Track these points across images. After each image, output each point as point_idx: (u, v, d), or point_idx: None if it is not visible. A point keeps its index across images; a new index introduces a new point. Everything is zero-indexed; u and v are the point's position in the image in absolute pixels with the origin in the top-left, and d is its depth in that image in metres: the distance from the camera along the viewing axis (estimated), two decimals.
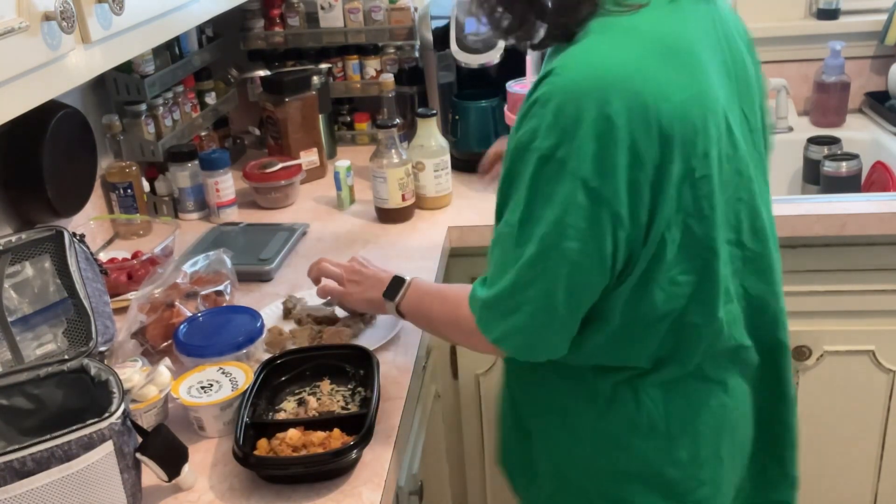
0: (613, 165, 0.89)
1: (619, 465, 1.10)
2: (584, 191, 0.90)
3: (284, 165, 1.90)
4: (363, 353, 1.23)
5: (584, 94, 0.89)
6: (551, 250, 0.94)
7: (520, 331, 1.00)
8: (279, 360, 1.23)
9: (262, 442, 1.08)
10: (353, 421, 1.10)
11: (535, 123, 0.92)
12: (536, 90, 0.94)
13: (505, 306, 1.00)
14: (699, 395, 1.08)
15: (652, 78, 0.90)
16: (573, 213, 0.91)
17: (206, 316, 1.32)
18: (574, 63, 0.91)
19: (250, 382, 1.16)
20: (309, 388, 1.22)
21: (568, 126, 0.89)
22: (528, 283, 0.97)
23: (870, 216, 1.66)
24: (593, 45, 0.93)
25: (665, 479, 1.09)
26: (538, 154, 0.92)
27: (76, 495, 0.91)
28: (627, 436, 1.08)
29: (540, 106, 0.92)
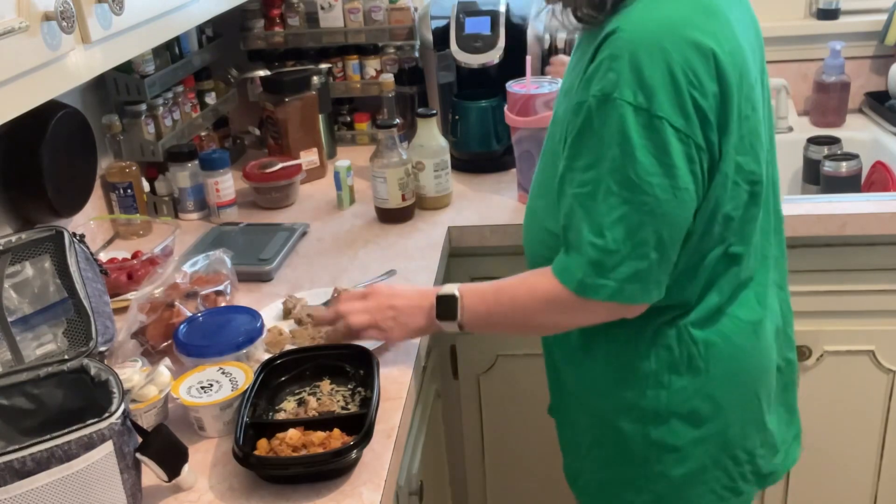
0: (686, 103, 0.98)
1: (659, 403, 1.16)
2: (672, 131, 0.98)
3: (284, 165, 1.90)
4: (363, 353, 1.23)
5: (652, 45, 0.98)
6: (656, 190, 1.00)
7: (638, 277, 1.04)
8: (279, 361, 1.23)
9: (262, 442, 1.08)
10: (353, 421, 1.10)
11: (612, 77, 0.98)
12: (602, 49, 1.00)
13: (618, 257, 1.03)
14: (734, 335, 1.17)
15: (703, 29, 1.00)
16: (668, 154, 0.99)
17: (206, 316, 1.32)
18: (635, 21, 1.00)
19: (250, 382, 1.16)
20: (309, 388, 1.21)
21: (644, 74, 0.97)
22: (639, 226, 1.01)
23: (870, 216, 1.66)
24: (646, 7, 1.01)
25: (699, 415, 1.17)
26: (623, 103, 0.98)
27: (76, 495, 0.91)
28: (667, 374, 1.15)
29: (613, 60, 0.98)
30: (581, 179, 1.03)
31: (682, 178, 1.01)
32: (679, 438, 1.18)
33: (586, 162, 1.02)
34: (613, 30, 1.00)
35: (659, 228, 1.02)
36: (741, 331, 1.17)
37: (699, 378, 1.16)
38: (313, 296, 1.46)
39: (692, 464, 1.19)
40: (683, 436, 1.18)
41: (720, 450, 1.19)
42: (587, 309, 1.09)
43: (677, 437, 1.18)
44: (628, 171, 1.00)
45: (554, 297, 1.09)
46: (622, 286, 1.04)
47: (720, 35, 1.01)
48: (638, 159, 0.99)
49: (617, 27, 1.00)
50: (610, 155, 1.00)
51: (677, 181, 1.00)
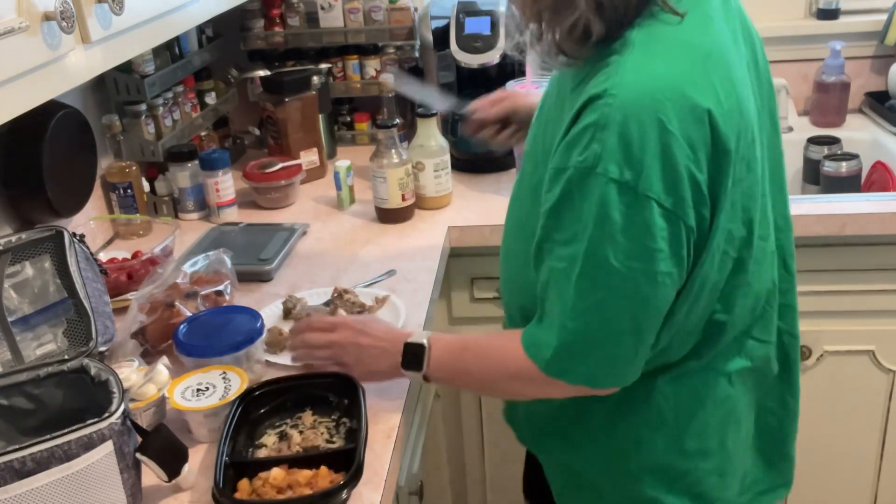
0: (680, 179, 0.90)
1: (630, 460, 1.11)
2: (659, 211, 0.90)
3: (284, 165, 1.90)
4: (347, 382, 1.17)
5: (643, 113, 0.88)
6: (636, 275, 0.92)
7: (611, 362, 0.99)
8: (257, 392, 1.17)
9: (244, 483, 1.02)
10: (341, 456, 1.05)
11: (597, 148, 0.89)
12: (587, 114, 0.91)
13: (591, 343, 0.97)
14: (706, 387, 1.10)
15: (702, 87, 0.90)
16: (652, 236, 0.90)
17: (205, 316, 1.32)
18: (627, 83, 0.89)
19: (240, 393, 1.14)
20: (291, 420, 1.15)
21: (633, 148, 0.88)
22: (616, 312, 0.94)
23: (870, 216, 1.66)
24: (642, 62, 0.91)
25: (675, 470, 1.11)
26: (605, 179, 0.89)
27: (76, 495, 0.91)
28: (638, 430, 1.10)
29: (600, 129, 0.89)
30: (559, 254, 0.95)
31: (665, 262, 0.92)
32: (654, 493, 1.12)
33: (565, 237, 0.94)
34: (601, 92, 0.90)
35: (637, 314, 0.95)
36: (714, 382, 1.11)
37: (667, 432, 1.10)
38: (313, 296, 1.46)
39: None
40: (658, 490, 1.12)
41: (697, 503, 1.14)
42: (555, 386, 1.02)
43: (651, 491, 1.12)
44: (607, 254, 0.91)
45: (523, 370, 1.02)
46: (593, 371, 0.99)
47: (720, 90, 0.92)
48: (618, 242, 0.91)
49: (605, 89, 0.89)
50: (588, 234, 0.92)
51: (660, 265, 0.92)
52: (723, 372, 1.11)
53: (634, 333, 0.97)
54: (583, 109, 0.92)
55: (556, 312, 0.98)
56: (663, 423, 1.10)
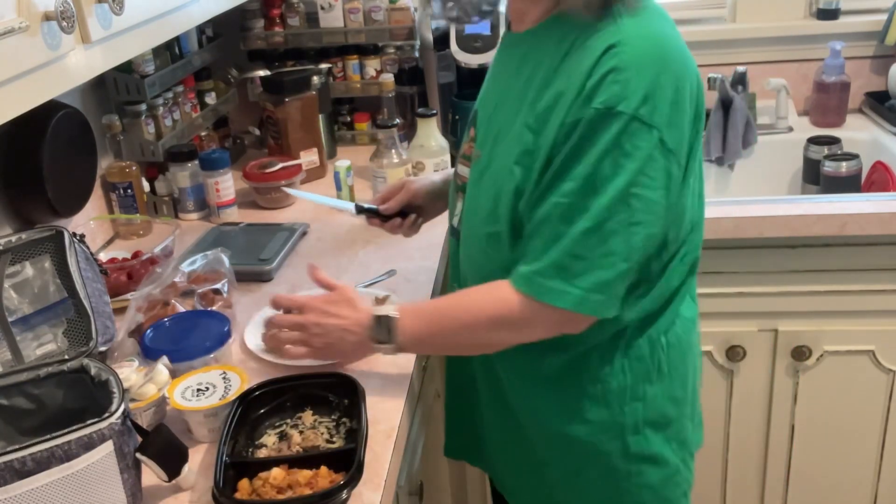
0: (681, 122, 1.01)
1: (636, 416, 1.16)
2: (660, 146, 1.00)
3: (284, 165, 1.90)
4: (347, 382, 1.17)
5: (655, 61, 0.99)
6: (632, 200, 1.00)
7: (602, 287, 1.03)
8: (257, 392, 1.17)
9: (244, 483, 1.02)
10: (341, 456, 1.05)
11: (618, 89, 0.98)
12: (603, 62, 0.99)
13: (586, 263, 1.01)
14: (686, 334, 1.20)
15: (686, 50, 1.05)
16: (652, 167, 1.00)
17: (172, 321, 1.31)
18: (637, 35, 1.00)
19: (240, 393, 1.14)
20: (291, 420, 1.15)
21: (649, 88, 0.98)
22: (612, 235, 1.01)
23: (870, 216, 1.66)
24: (641, 23, 1.02)
25: (667, 419, 1.19)
26: (625, 115, 0.98)
27: (76, 495, 0.91)
28: (643, 386, 1.16)
29: (619, 73, 0.98)
30: (566, 189, 1.01)
31: (658, 192, 1.01)
32: (653, 445, 1.18)
33: (577, 172, 1.01)
34: (615, 42, 0.99)
35: (629, 240, 1.01)
36: (689, 330, 1.21)
37: (664, 382, 1.17)
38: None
39: (667, 468, 1.20)
40: (655, 441, 1.18)
41: (682, 448, 1.22)
42: (537, 322, 1.06)
43: (651, 444, 1.18)
44: (614, 183, 0.99)
45: (503, 313, 1.06)
46: (587, 294, 1.02)
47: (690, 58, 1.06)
48: (625, 171, 0.99)
49: (618, 40, 0.99)
50: (599, 166, 0.99)
51: (656, 194, 1.01)
52: (692, 319, 1.22)
53: (626, 259, 1.02)
54: (596, 64, 0.99)
55: (554, 241, 1.02)
56: (661, 375, 1.16)
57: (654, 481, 1.20)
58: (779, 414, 1.86)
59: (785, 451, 1.90)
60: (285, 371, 1.25)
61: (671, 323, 1.17)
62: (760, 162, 2.13)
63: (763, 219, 1.68)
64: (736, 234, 1.68)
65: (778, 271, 1.74)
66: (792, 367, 1.81)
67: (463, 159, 1.24)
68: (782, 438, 1.89)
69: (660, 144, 0.99)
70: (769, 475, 1.93)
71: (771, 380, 1.84)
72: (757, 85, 2.20)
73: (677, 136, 1.01)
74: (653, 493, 1.21)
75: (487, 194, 1.13)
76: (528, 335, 1.10)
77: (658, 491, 1.21)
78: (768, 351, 1.81)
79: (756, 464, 1.93)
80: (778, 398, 1.85)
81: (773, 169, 2.17)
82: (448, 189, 1.43)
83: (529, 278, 1.04)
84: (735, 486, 1.96)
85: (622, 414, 1.16)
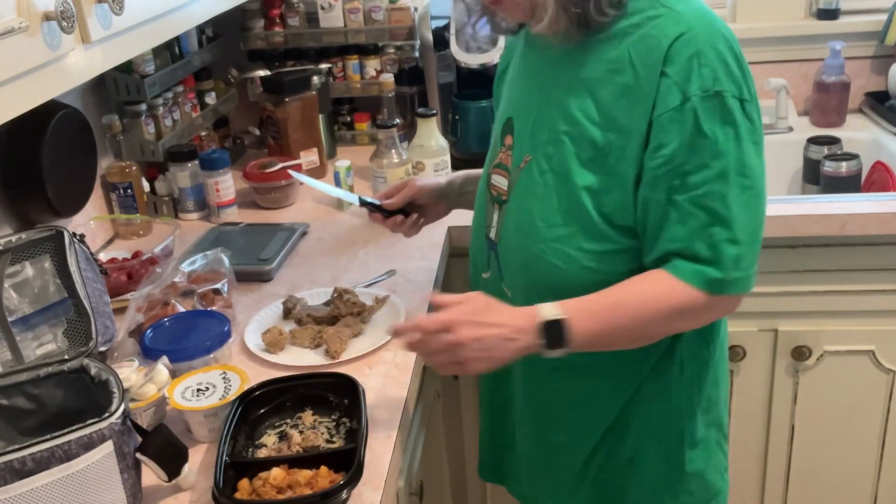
0: (752, 86, 1.06)
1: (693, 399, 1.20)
2: (752, 115, 1.04)
3: (284, 165, 1.90)
4: (347, 382, 1.17)
5: (721, 39, 1.03)
6: (757, 173, 1.04)
7: (754, 262, 1.07)
8: (257, 392, 1.16)
9: (244, 483, 1.02)
10: (341, 456, 1.04)
11: (708, 72, 1.01)
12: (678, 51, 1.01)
13: (746, 246, 1.04)
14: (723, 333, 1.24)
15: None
16: (758, 137, 1.05)
17: (172, 321, 1.31)
18: (697, 21, 1.03)
19: (240, 393, 1.14)
20: (290, 419, 1.15)
21: (729, 65, 1.02)
22: (754, 212, 1.05)
23: (870, 216, 1.66)
24: (690, 9, 1.05)
25: (710, 402, 1.22)
26: (728, 95, 1.02)
27: (76, 495, 0.91)
28: (699, 369, 1.19)
29: (701, 56, 1.01)
30: (694, 182, 1.02)
31: (761, 157, 1.06)
32: (700, 429, 1.21)
33: (698, 163, 1.02)
34: (683, 31, 1.02)
35: (763, 211, 1.07)
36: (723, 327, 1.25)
37: (712, 366, 1.21)
38: (313, 296, 1.46)
39: (708, 450, 1.23)
40: (701, 426, 1.21)
41: (718, 430, 1.25)
42: (711, 310, 1.09)
43: (699, 429, 1.21)
44: (740, 160, 1.02)
45: (684, 303, 1.05)
46: (749, 275, 1.06)
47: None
48: (744, 148, 1.03)
49: (687, 27, 1.02)
50: (723, 149, 1.02)
51: (761, 161, 1.06)
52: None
53: (762, 230, 1.07)
54: (670, 51, 1.02)
55: (711, 237, 1.03)
56: (709, 356, 1.20)
57: (701, 467, 1.23)
58: (779, 414, 1.86)
59: (785, 451, 1.90)
60: (285, 371, 1.25)
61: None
62: None
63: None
64: None
65: (778, 271, 1.74)
66: (792, 367, 1.81)
67: (499, 169, 1.21)
68: (782, 438, 1.88)
69: (756, 115, 1.04)
70: (769, 475, 1.93)
71: (771, 380, 1.83)
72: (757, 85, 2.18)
73: (755, 103, 1.06)
74: (700, 481, 1.23)
75: (555, 195, 1.11)
76: (704, 321, 1.14)
77: (703, 476, 1.23)
78: (768, 351, 1.81)
79: (756, 464, 1.93)
80: (778, 398, 1.85)
81: (773, 169, 2.14)
82: (452, 192, 1.42)
83: (704, 275, 1.04)
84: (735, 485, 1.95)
85: (680, 400, 1.18)
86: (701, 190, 1.02)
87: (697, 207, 1.03)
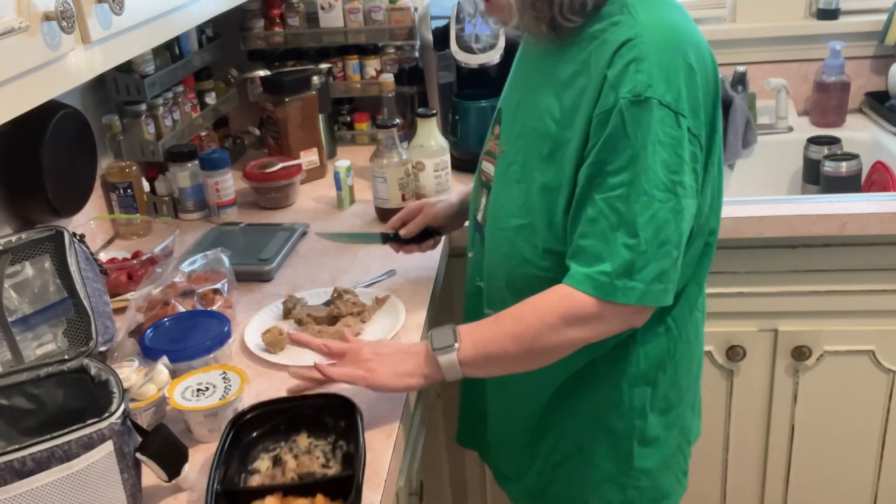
0: (698, 105, 1.04)
1: (645, 400, 1.20)
2: (688, 132, 1.03)
3: (284, 165, 1.90)
4: (344, 403, 1.12)
5: (671, 48, 1.03)
6: (676, 187, 1.03)
7: (661, 277, 1.05)
8: (249, 414, 1.12)
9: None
10: (338, 482, 1.00)
11: (643, 78, 1.01)
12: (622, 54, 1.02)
13: (647, 257, 1.03)
14: (697, 323, 1.24)
15: (699, 36, 1.09)
16: (685, 152, 1.03)
17: (172, 321, 1.31)
18: (651, 26, 1.03)
19: (240, 393, 1.14)
20: (285, 443, 1.10)
21: (670, 75, 1.02)
22: (665, 224, 1.03)
23: (870, 216, 1.66)
24: (653, 15, 1.05)
25: (670, 404, 1.22)
26: (655, 102, 1.01)
27: (76, 495, 0.91)
28: (654, 371, 1.19)
29: (640, 62, 1.01)
30: (611, 183, 1.03)
31: (690, 177, 1.04)
32: (655, 429, 1.21)
33: (618, 165, 1.03)
34: (632, 35, 1.02)
35: (679, 225, 1.04)
36: (698, 318, 1.25)
37: (672, 368, 1.20)
38: (313, 296, 1.46)
39: (664, 451, 1.23)
40: (658, 426, 1.21)
41: (681, 434, 1.26)
42: (603, 319, 1.07)
43: (653, 428, 1.21)
44: (658, 171, 1.02)
45: (570, 311, 1.06)
46: (648, 287, 1.04)
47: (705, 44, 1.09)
48: (665, 158, 1.02)
49: (635, 33, 1.02)
50: (641, 155, 1.01)
51: (689, 180, 1.04)
52: (701, 307, 1.25)
53: (677, 245, 1.05)
54: (615, 55, 1.03)
55: (611, 239, 1.03)
56: (672, 362, 1.19)
57: (651, 465, 1.23)
58: (779, 414, 1.86)
59: (785, 451, 1.90)
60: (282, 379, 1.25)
61: (687, 310, 1.20)
62: (760, 162, 2.13)
63: (763, 219, 1.67)
64: (736, 234, 1.68)
65: (778, 271, 1.74)
66: (792, 367, 1.81)
67: (488, 156, 1.27)
68: (782, 438, 1.88)
69: (687, 130, 1.03)
70: (769, 475, 1.93)
71: (771, 380, 1.84)
72: (757, 85, 2.20)
73: (698, 122, 1.05)
74: (649, 478, 1.23)
75: (516, 188, 1.15)
76: (599, 332, 1.10)
77: (654, 475, 1.23)
78: (768, 351, 1.81)
79: (756, 464, 1.93)
80: (778, 398, 1.85)
81: (773, 169, 2.17)
82: (464, 209, 1.44)
83: (595, 279, 1.05)
84: (735, 486, 1.96)
85: (632, 396, 1.18)
86: (616, 192, 1.03)
87: (609, 208, 1.03)
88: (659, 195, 1.02)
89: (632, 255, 1.03)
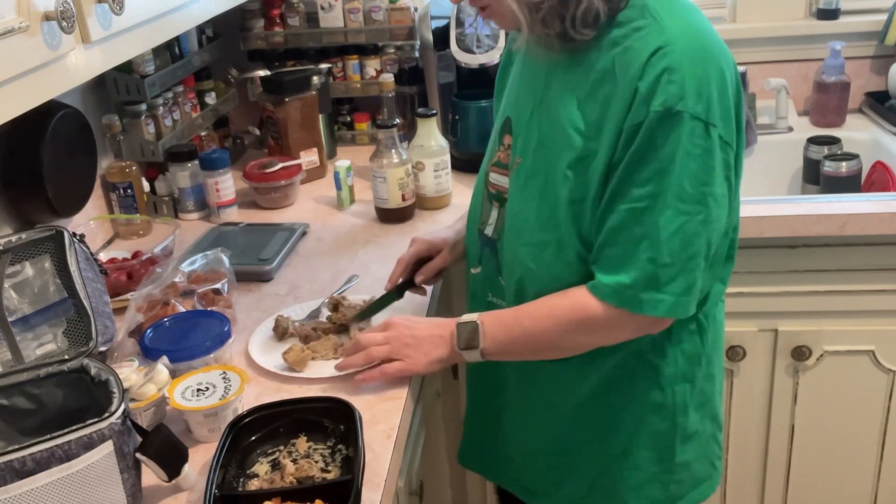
0: (728, 111, 1.03)
1: (686, 396, 1.20)
2: (719, 140, 1.02)
3: (284, 165, 1.90)
4: (343, 407, 1.12)
5: (704, 57, 1.01)
6: (706, 199, 1.02)
7: (690, 289, 1.05)
8: (248, 418, 1.11)
9: None
10: (337, 487, 1.00)
11: (674, 89, 0.99)
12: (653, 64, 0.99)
13: (673, 270, 1.03)
14: (721, 313, 1.24)
15: (721, 39, 1.07)
16: (716, 163, 1.02)
17: (172, 321, 1.31)
18: (681, 34, 1.01)
19: (240, 394, 1.14)
20: (284, 446, 1.10)
21: (702, 85, 1.00)
22: (693, 237, 1.03)
23: (870, 216, 1.66)
24: (678, 20, 1.03)
25: (705, 396, 1.23)
26: (686, 115, 0.99)
27: (76, 495, 0.91)
28: (693, 367, 1.20)
29: (672, 73, 0.99)
30: (637, 194, 1.02)
31: (722, 186, 1.04)
32: (694, 424, 1.22)
33: (644, 176, 1.01)
34: (661, 44, 1.00)
35: (709, 238, 1.04)
36: (721, 309, 1.25)
37: (706, 361, 1.21)
38: (299, 310, 1.43)
39: (700, 442, 1.24)
40: (696, 420, 1.22)
41: (713, 423, 1.26)
42: (619, 327, 1.08)
43: (693, 423, 1.22)
44: (685, 183, 1.00)
45: (586, 317, 1.07)
46: (678, 300, 1.04)
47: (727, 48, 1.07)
48: (693, 170, 1.00)
49: (665, 41, 1.00)
50: (669, 168, 1.00)
51: (722, 189, 1.03)
52: (722, 298, 1.25)
53: (706, 257, 1.05)
54: (646, 65, 1.00)
55: (635, 251, 1.03)
56: (702, 353, 1.20)
57: (690, 458, 1.23)
58: (779, 414, 1.86)
59: (785, 451, 1.90)
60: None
61: (714, 304, 1.20)
62: (760, 162, 2.13)
63: (763, 219, 1.67)
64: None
65: (778, 271, 1.74)
66: (792, 367, 1.81)
67: (497, 167, 1.23)
68: (782, 438, 1.88)
69: (719, 139, 1.01)
70: (769, 475, 1.93)
71: (771, 380, 1.84)
72: (757, 85, 2.20)
73: (730, 128, 1.03)
74: (688, 471, 1.24)
75: (540, 201, 1.12)
76: (612, 338, 1.12)
77: (691, 467, 1.24)
78: (768, 351, 1.81)
79: (756, 464, 1.93)
80: (778, 398, 1.85)
81: (773, 169, 2.17)
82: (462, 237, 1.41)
83: (620, 291, 1.05)
84: (735, 485, 1.96)
85: (673, 395, 1.19)
86: (642, 203, 1.02)
87: (633, 219, 1.03)
88: (687, 208, 1.01)
89: (654, 268, 1.02)
